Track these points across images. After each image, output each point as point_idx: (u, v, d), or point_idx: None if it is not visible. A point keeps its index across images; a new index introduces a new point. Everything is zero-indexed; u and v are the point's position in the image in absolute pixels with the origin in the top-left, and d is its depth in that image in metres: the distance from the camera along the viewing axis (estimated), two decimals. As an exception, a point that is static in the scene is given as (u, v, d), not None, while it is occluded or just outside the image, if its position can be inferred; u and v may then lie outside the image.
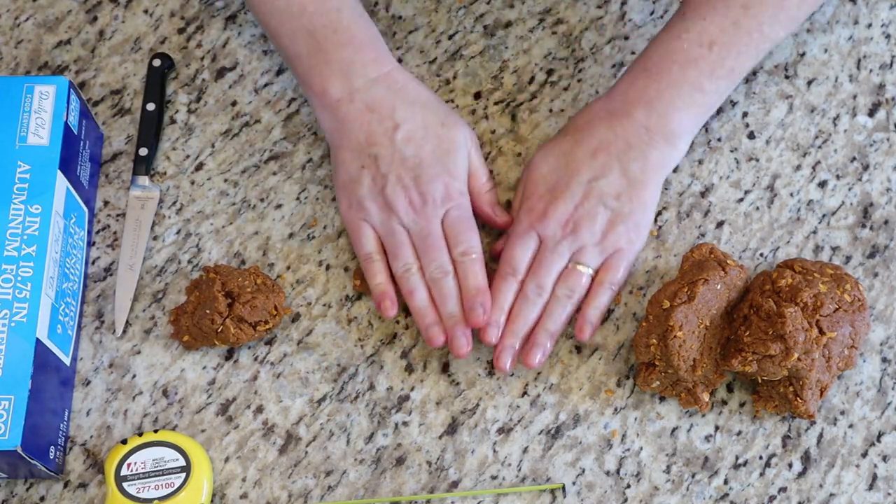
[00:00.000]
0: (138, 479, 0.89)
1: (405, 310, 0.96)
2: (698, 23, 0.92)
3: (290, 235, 0.99)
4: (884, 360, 0.95)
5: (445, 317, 0.92)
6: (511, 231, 0.94)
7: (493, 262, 0.96)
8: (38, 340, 0.88)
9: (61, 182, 0.93)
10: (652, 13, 1.06)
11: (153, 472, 0.90)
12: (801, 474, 0.92)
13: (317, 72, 0.94)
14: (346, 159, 0.94)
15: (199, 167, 1.02)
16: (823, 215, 0.99)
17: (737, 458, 0.92)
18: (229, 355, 0.95)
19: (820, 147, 1.01)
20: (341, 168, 0.95)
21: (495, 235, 0.98)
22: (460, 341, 0.91)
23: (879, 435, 0.93)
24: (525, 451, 0.92)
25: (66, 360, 0.93)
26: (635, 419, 0.93)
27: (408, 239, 0.93)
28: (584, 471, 0.92)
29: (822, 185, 1.00)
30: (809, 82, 1.04)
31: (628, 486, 0.91)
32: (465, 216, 0.93)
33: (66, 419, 0.92)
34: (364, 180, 0.93)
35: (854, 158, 1.01)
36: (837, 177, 1.00)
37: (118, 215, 1.00)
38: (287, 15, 0.94)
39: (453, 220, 0.93)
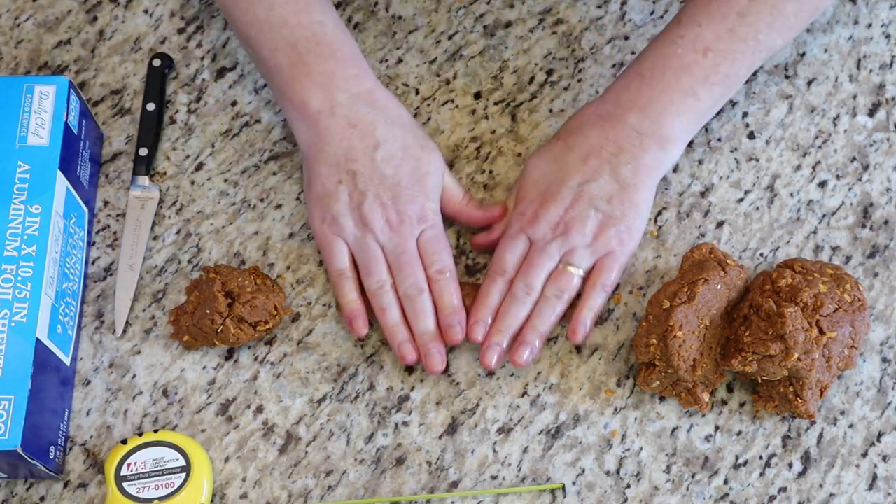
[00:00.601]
0: (138, 479, 0.89)
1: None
2: (694, 29, 0.92)
3: (290, 235, 0.99)
4: (884, 360, 0.95)
5: (419, 333, 0.92)
6: (505, 233, 0.95)
7: (479, 256, 0.96)
8: (38, 340, 0.88)
9: (61, 182, 0.93)
10: (652, 13, 1.06)
11: (153, 472, 0.90)
12: (801, 474, 0.92)
13: (297, 84, 0.93)
14: (323, 173, 0.93)
15: (199, 167, 1.02)
16: (823, 215, 0.99)
17: (737, 458, 0.92)
18: (229, 355, 0.95)
19: (820, 147, 1.01)
20: (316, 181, 0.94)
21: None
22: (435, 358, 0.92)
23: (879, 435, 0.93)
24: (525, 451, 0.92)
25: (66, 360, 0.93)
26: (635, 419, 0.93)
27: (382, 256, 0.93)
28: (584, 471, 0.92)
29: (822, 185, 1.00)
30: (809, 82, 1.04)
31: (628, 486, 0.91)
32: (439, 236, 0.94)
33: (66, 419, 0.92)
34: (341, 196, 0.93)
35: (854, 158, 1.01)
36: (837, 177, 1.00)
37: (118, 215, 1.00)
38: (268, 26, 0.93)
39: (428, 239, 0.93)
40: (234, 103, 1.04)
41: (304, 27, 0.93)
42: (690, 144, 1.01)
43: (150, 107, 1.02)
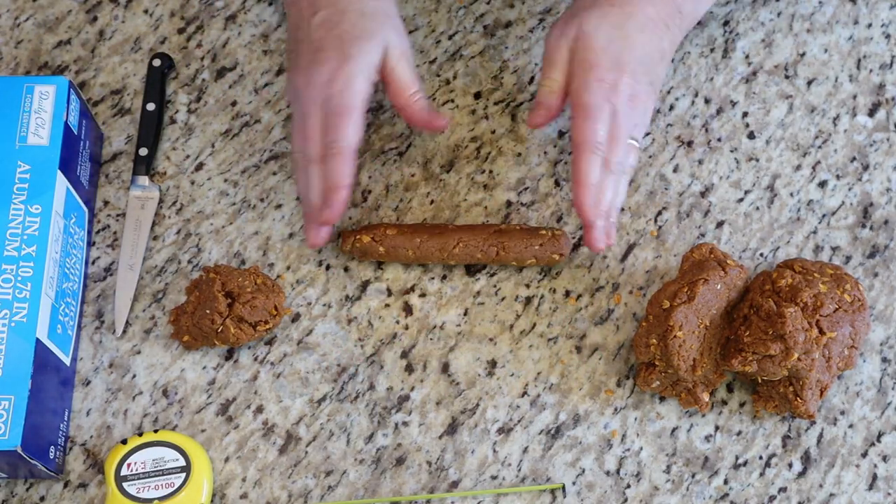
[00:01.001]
0: (138, 479, 0.89)
1: (405, 309, 0.96)
2: None
3: (290, 235, 0.99)
4: (884, 360, 0.95)
5: (304, 205, 0.94)
6: (583, 102, 0.91)
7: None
8: (38, 340, 0.88)
9: (61, 182, 0.93)
10: (652, 13, 1.06)
11: (153, 472, 0.90)
12: (801, 474, 0.92)
13: None
14: (286, 51, 0.96)
15: (199, 167, 1.02)
16: (823, 215, 0.99)
17: (737, 458, 0.92)
18: (229, 355, 0.95)
19: (820, 147, 1.01)
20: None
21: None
22: (311, 233, 0.94)
23: (879, 435, 0.93)
24: (525, 451, 0.92)
25: (66, 360, 0.93)
26: (635, 419, 0.93)
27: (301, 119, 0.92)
28: (584, 471, 0.92)
29: (822, 185, 1.00)
30: (809, 82, 1.04)
31: (628, 486, 0.91)
32: (342, 105, 0.90)
33: (66, 419, 0.92)
34: (287, 62, 0.94)
35: (854, 158, 1.01)
36: (837, 177, 1.00)
37: (118, 215, 1.00)
38: None
39: (330, 109, 0.90)
40: (234, 103, 1.04)
41: None
42: (690, 144, 1.01)
43: (150, 107, 1.02)
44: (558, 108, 0.94)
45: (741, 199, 1.00)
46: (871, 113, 1.03)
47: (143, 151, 1.01)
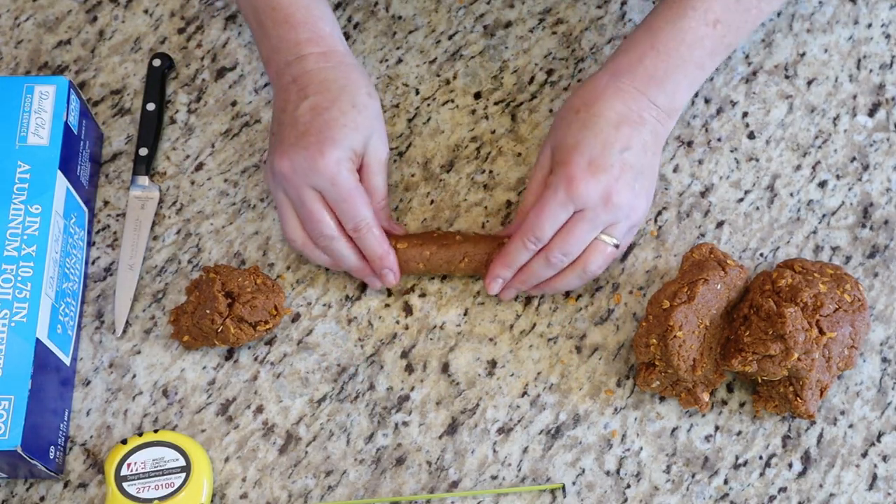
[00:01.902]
0: (138, 479, 0.89)
1: (405, 309, 0.96)
2: (704, 1, 0.92)
3: (290, 235, 0.99)
4: (884, 360, 0.95)
5: (350, 269, 0.95)
6: (543, 197, 0.91)
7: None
8: (38, 340, 0.88)
9: (61, 182, 0.93)
10: (652, 13, 1.06)
11: (153, 472, 0.90)
12: (801, 474, 0.92)
13: (261, 46, 0.95)
14: (269, 131, 0.94)
15: (199, 167, 1.02)
16: (823, 215, 0.99)
17: (737, 458, 0.92)
18: (229, 355, 0.95)
19: (820, 147, 1.01)
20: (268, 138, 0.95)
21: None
22: (386, 276, 0.94)
23: (879, 435, 0.93)
24: (525, 451, 0.92)
25: (66, 360, 0.93)
26: (635, 419, 0.93)
27: (290, 207, 0.93)
28: (584, 471, 0.92)
29: (822, 185, 1.00)
30: (809, 82, 1.04)
31: (628, 486, 0.91)
32: (343, 193, 0.90)
33: (66, 419, 0.92)
34: (270, 147, 0.93)
35: (854, 158, 1.01)
36: (837, 177, 1.00)
37: (118, 215, 1.00)
38: None
39: (333, 199, 0.91)
40: (234, 103, 1.04)
41: None
42: (690, 144, 1.01)
43: (150, 107, 1.02)
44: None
45: (741, 199, 1.00)
46: (871, 113, 1.03)
47: (143, 151, 1.01)
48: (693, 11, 0.92)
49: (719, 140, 1.02)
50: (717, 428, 0.93)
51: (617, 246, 0.92)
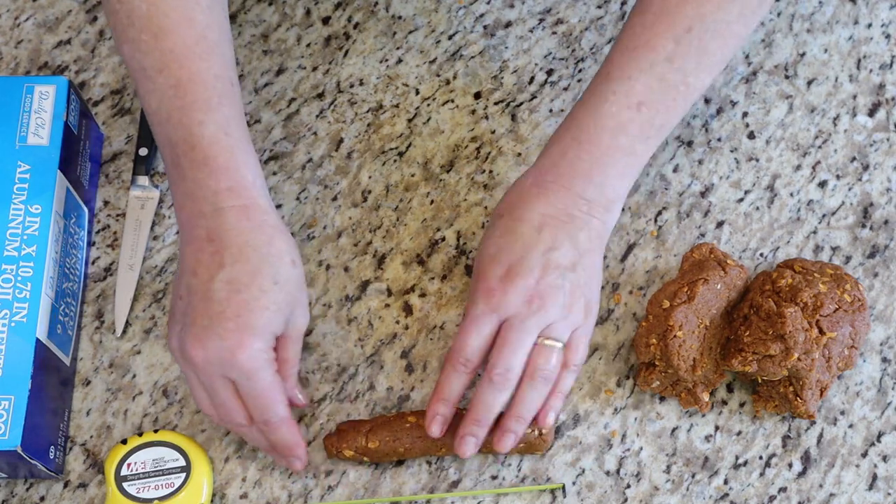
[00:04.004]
0: (138, 479, 0.89)
1: (406, 309, 0.96)
2: (624, 83, 0.86)
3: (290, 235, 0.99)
4: (884, 360, 0.95)
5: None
6: (465, 315, 0.86)
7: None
8: (38, 340, 0.88)
9: (61, 182, 0.93)
10: (652, 13, 1.06)
11: (153, 472, 0.90)
12: (801, 474, 0.92)
13: (175, 187, 0.85)
14: (175, 284, 0.85)
15: (199, 167, 1.02)
16: (823, 215, 0.99)
17: (737, 458, 0.92)
18: (229, 355, 0.95)
19: (820, 147, 1.01)
20: (171, 292, 0.86)
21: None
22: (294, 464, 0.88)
23: (879, 435, 0.93)
24: (525, 451, 0.92)
25: (66, 360, 0.93)
26: (635, 419, 0.93)
27: (201, 390, 0.85)
28: (584, 471, 0.92)
29: (822, 185, 1.00)
30: (809, 82, 1.04)
31: (628, 486, 0.91)
32: (260, 387, 0.83)
33: (66, 419, 0.92)
34: (176, 314, 0.84)
35: (854, 158, 1.01)
36: (837, 177, 1.00)
37: (118, 215, 1.00)
38: (156, 119, 0.85)
39: (247, 392, 0.83)
40: (234, 103, 1.04)
41: (183, 126, 0.83)
42: (690, 144, 1.01)
43: (150, 107, 1.02)
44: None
45: (741, 199, 1.00)
46: (871, 113, 1.03)
47: (143, 151, 1.01)
48: (614, 96, 0.86)
49: (719, 140, 1.02)
50: (717, 428, 0.93)
51: (562, 346, 0.85)
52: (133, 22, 0.84)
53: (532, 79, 1.04)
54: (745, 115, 1.02)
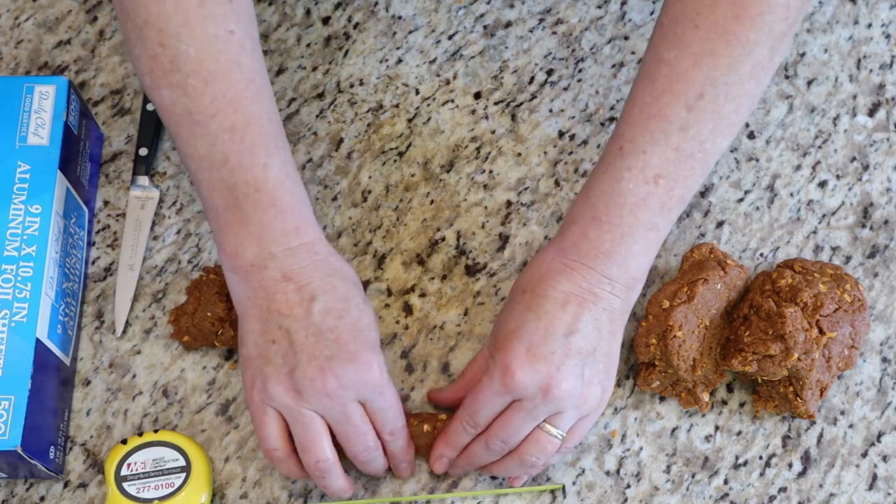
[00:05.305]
0: (138, 479, 0.89)
1: (406, 309, 0.96)
2: (639, 157, 0.84)
3: (290, 235, 0.99)
4: (884, 360, 0.95)
5: (369, 472, 0.90)
6: (481, 383, 0.86)
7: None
8: (38, 340, 0.88)
9: (61, 182, 0.93)
10: (652, 13, 1.06)
11: (153, 472, 0.90)
12: (801, 474, 0.92)
13: (231, 230, 0.84)
14: (255, 331, 0.84)
15: (199, 167, 1.01)
16: (823, 215, 0.99)
17: (737, 458, 0.92)
18: (229, 355, 0.95)
19: (820, 147, 1.01)
20: (248, 340, 0.85)
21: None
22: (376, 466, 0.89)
23: (879, 435, 0.93)
24: (525, 451, 0.92)
25: (66, 360, 0.93)
26: (635, 419, 0.93)
27: (321, 427, 0.84)
28: (584, 471, 0.92)
29: (822, 185, 1.00)
30: (809, 82, 1.04)
31: (628, 486, 0.91)
32: (388, 400, 0.85)
33: (66, 419, 0.92)
34: (273, 358, 0.83)
35: (854, 158, 1.01)
36: (837, 177, 1.00)
37: (118, 215, 1.00)
38: (207, 163, 0.84)
39: (377, 409, 0.85)
40: (234, 103, 1.04)
41: (244, 169, 0.83)
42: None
43: (150, 107, 1.02)
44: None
45: (741, 199, 1.00)
46: (871, 113, 1.03)
47: (143, 151, 1.01)
48: (629, 172, 0.84)
49: (719, 140, 1.02)
50: (717, 428, 0.93)
51: (563, 437, 0.85)
52: (178, 66, 0.82)
53: (532, 79, 1.04)
54: (745, 115, 1.02)
